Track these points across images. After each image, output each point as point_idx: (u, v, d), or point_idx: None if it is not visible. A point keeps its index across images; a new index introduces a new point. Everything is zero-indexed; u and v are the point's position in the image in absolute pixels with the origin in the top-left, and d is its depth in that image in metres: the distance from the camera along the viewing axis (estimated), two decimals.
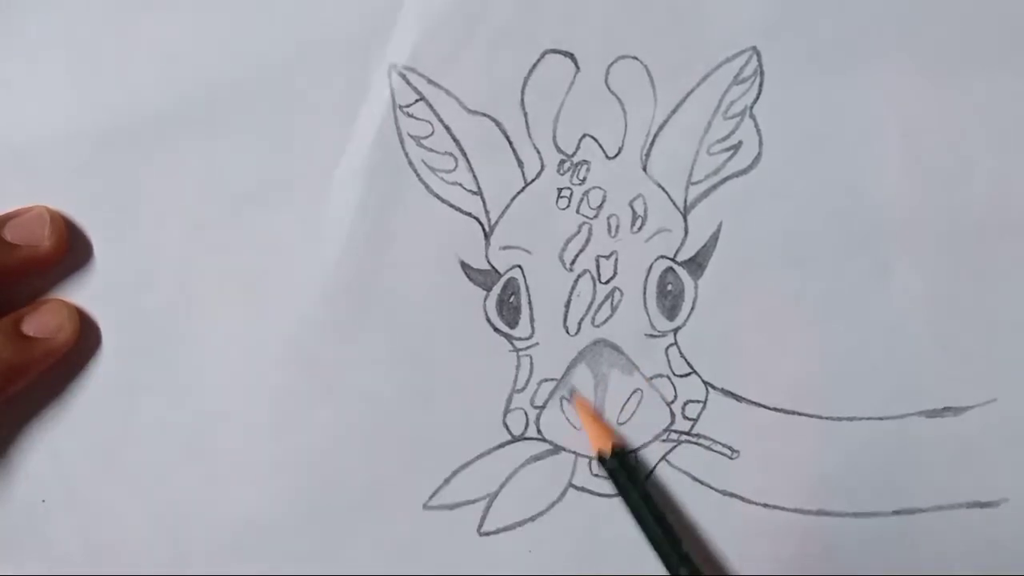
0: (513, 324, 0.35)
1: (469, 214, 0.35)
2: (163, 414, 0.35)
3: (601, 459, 0.35)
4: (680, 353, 0.36)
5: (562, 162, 0.35)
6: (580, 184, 0.35)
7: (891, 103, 0.35)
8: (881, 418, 0.35)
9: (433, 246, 0.35)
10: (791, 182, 0.35)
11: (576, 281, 0.35)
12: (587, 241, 0.35)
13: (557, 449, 0.36)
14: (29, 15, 0.35)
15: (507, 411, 0.35)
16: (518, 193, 0.35)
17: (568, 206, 0.35)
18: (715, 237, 0.35)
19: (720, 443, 0.36)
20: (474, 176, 0.35)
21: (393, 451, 0.35)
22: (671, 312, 0.35)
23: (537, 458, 0.36)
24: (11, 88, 0.35)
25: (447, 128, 0.35)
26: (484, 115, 0.35)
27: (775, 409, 0.35)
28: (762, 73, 0.35)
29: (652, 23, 0.34)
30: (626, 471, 0.34)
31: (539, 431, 0.36)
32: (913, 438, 0.35)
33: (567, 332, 0.35)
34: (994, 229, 0.35)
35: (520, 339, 0.35)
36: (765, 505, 0.36)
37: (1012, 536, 0.35)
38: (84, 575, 0.36)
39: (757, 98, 0.35)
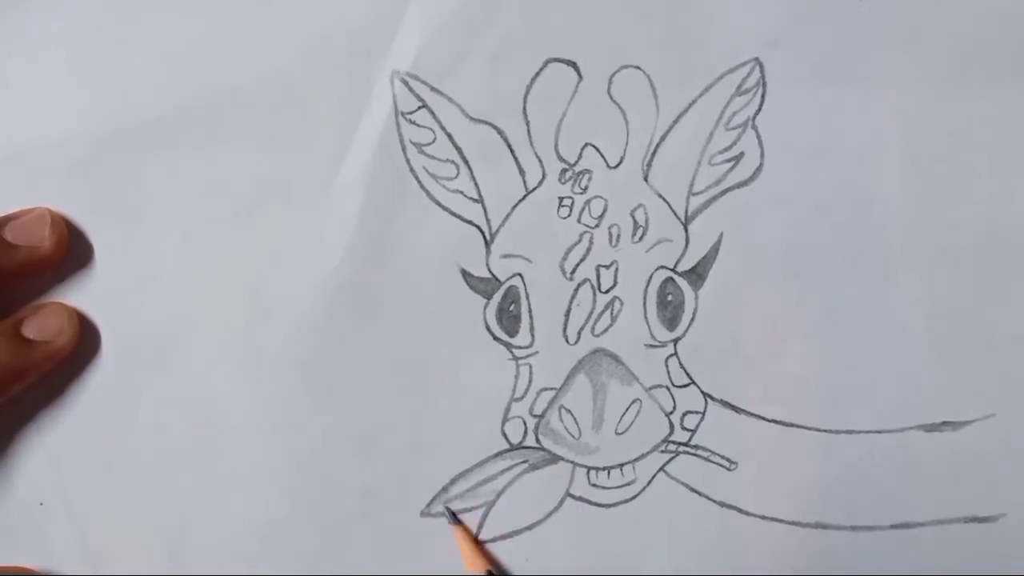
0: (513, 332, 0.35)
1: (470, 222, 0.35)
2: (162, 417, 0.35)
3: None
4: (680, 364, 0.36)
5: (564, 171, 0.35)
6: (581, 193, 0.35)
7: (893, 115, 0.35)
8: (880, 431, 0.35)
9: (434, 253, 0.35)
10: (792, 193, 0.35)
11: (576, 290, 0.35)
12: (588, 250, 0.35)
13: (555, 458, 0.36)
14: (30, 15, 0.35)
15: (506, 420, 0.35)
16: (519, 201, 0.35)
17: (569, 215, 0.35)
18: (716, 248, 0.35)
19: (718, 454, 0.36)
20: (475, 184, 0.35)
21: (391, 458, 0.35)
22: (671, 322, 0.35)
23: (535, 467, 0.36)
24: (12, 88, 0.35)
25: (449, 135, 0.35)
26: (486, 123, 0.35)
27: (774, 421, 0.35)
28: (764, 84, 0.35)
29: (655, 33, 0.34)
30: None
31: (537, 440, 0.36)
32: (912, 452, 0.35)
33: (567, 341, 0.35)
34: (995, 242, 0.35)
35: (520, 348, 0.35)
36: (763, 517, 0.36)
37: (1010, 551, 0.35)
38: None
39: (759, 109, 0.35)
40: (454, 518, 0.36)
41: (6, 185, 0.35)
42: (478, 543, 0.36)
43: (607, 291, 0.35)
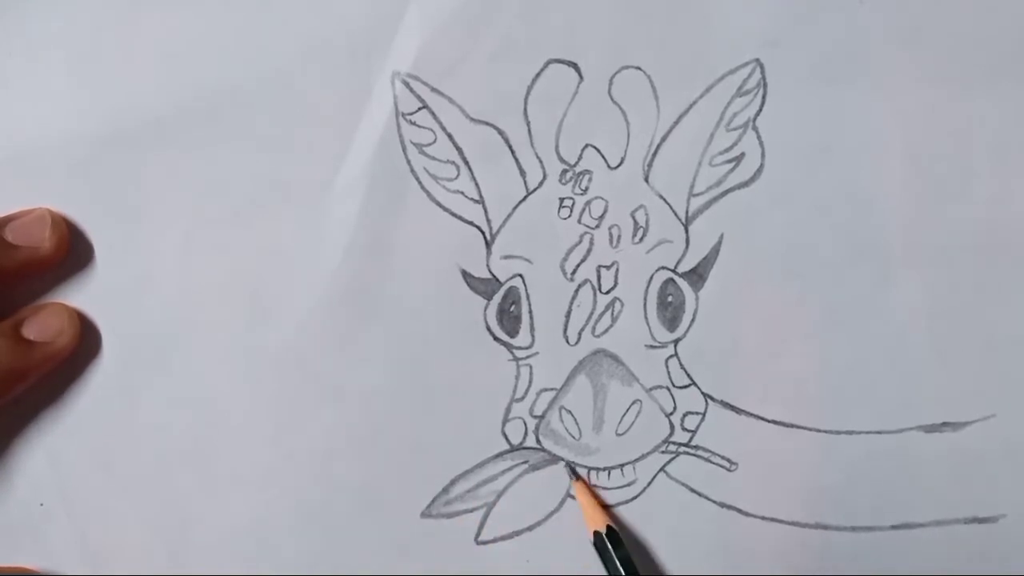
0: (513, 333, 0.35)
1: (471, 223, 0.35)
2: (162, 418, 0.35)
3: (597, 537, 0.35)
4: (680, 364, 0.35)
5: (564, 172, 0.35)
6: (582, 194, 0.35)
7: (893, 115, 0.35)
8: (880, 432, 0.35)
9: (434, 254, 0.35)
10: (793, 194, 0.35)
11: (577, 291, 0.35)
12: (588, 251, 0.35)
13: (555, 459, 0.36)
14: (30, 15, 0.35)
15: (506, 420, 0.35)
16: (520, 202, 0.35)
17: (570, 216, 0.35)
18: (716, 249, 0.35)
19: (719, 455, 0.36)
20: (476, 185, 0.35)
21: (392, 459, 0.35)
22: (671, 323, 0.35)
23: (535, 468, 0.36)
24: (12, 88, 0.35)
25: (449, 136, 0.35)
26: (487, 124, 0.35)
27: (774, 422, 0.35)
28: (765, 85, 0.35)
29: (656, 34, 0.34)
30: (615, 551, 0.34)
31: (538, 441, 0.36)
32: (912, 453, 0.35)
33: (567, 342, 0.35)
34: (996, 242, 0.35)
35: (520, 348, 0.35)
36: (763, 518, 0.36)
37: (1010, 552, 0.35)
38: None
39: (760, 110, 0.35)
40: (574, 474, 0.36)
41: (6, 185, 0.35)
42: (597, 498, 0.36)
43: (608, 292, 0.35)
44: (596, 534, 0.35)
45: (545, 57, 0.34)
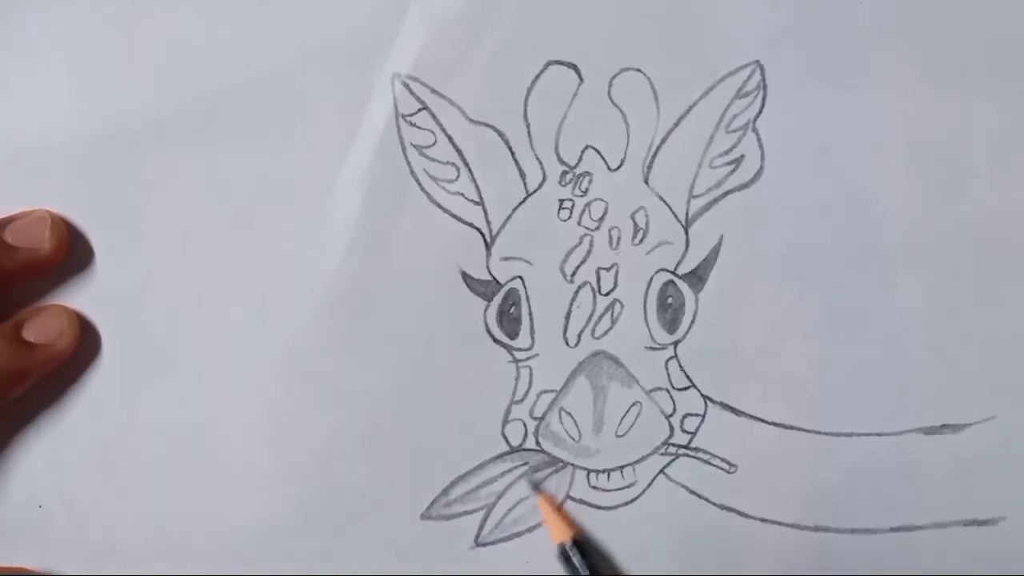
0: (513, 335, 0.35)
1: (470, 224, 0.35)
2: (162, 420, 0.35)
3: (562, 548, 0.35)
4: (680, 366, 0.35)
5: (564, 173, 0.35)
6: (582, 196, 0.35)
7: (893, 117, 0.35)
8: (880, 434, 0.35)
9: (434, 256, 0.35)
10: (793, 196, 0.35)
11: (577, 293, 0.35)
12: (588, 253, 0.35)
13: (555, 461, 0.36)
14: (30, 15, 0.35)
15: (506, 422, 0.35)
16: (520, 204, 0.35)
17: (570, 217, 0.35)
18: (716, 251, 0.35)
19: (718, 457, 0.36)
20: (476, 186, 0.35)
21: (391, 460, 0.35)
22: (671, 325, 0.35)
23: (535, 469, 0.36)
24: (12, 88, 0.35)
25: (449, 138, 0.35)
26: (487, 125, 0.35)
27: (774, 424, 0.35)
28: (765, 87, 0.34)
29: (656, 35, 0.34)
30: (586, 561, 0.35)
31: (538, 442, 0.36)
32: (911, 455, 0.35)
33: (567, 344, 0.35)
34: (996, 244, 0.35)
35: (520, 350, 0.35)
36: (763, 520, 0.36)
37: (1010, 554, 0.36)
38: None
39: (760, 112, 0.35)
40: (536, 488, 0.36)
41: (6, 185, 0.35)
42: (561, 510, 0.36)
43: (607, 293, 0.35)
44: (560, 546, 0.35)
45: (545, 58, 0.34)
